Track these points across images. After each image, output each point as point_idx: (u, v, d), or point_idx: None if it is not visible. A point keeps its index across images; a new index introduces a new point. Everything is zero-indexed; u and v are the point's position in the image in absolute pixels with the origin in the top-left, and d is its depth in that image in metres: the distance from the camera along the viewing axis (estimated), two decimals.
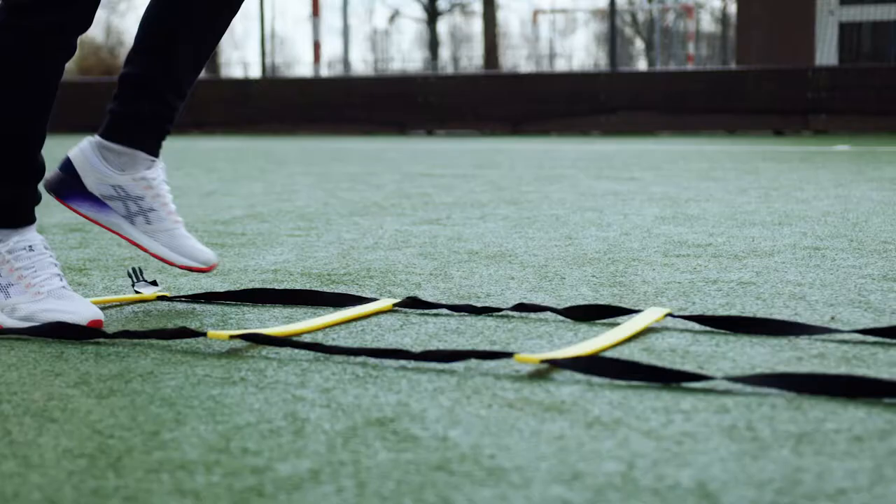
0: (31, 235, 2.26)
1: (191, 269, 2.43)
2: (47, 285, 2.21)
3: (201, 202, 5.33)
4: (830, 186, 5.75)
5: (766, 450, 1.39)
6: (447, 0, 43.60)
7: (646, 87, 16.26)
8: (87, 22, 2.17)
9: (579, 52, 51.47)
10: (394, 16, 44.53)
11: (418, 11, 42.81)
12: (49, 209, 3.48)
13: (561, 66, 42.61)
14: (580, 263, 3.05)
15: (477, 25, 43.35)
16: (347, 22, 25.40)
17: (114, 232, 2.42)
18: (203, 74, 2.42)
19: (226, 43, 48.41)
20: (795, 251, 3.24)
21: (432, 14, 41.99)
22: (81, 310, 2.16)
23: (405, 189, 6.00)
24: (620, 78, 16.65)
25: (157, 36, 2.35)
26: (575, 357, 1.79)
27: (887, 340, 2.00)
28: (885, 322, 2.18)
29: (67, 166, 2.44)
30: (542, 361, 1.79)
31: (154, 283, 2.60)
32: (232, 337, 1.98)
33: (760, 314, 2.29)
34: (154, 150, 2.41)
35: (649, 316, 2.17)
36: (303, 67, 45.19)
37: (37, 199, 2.29)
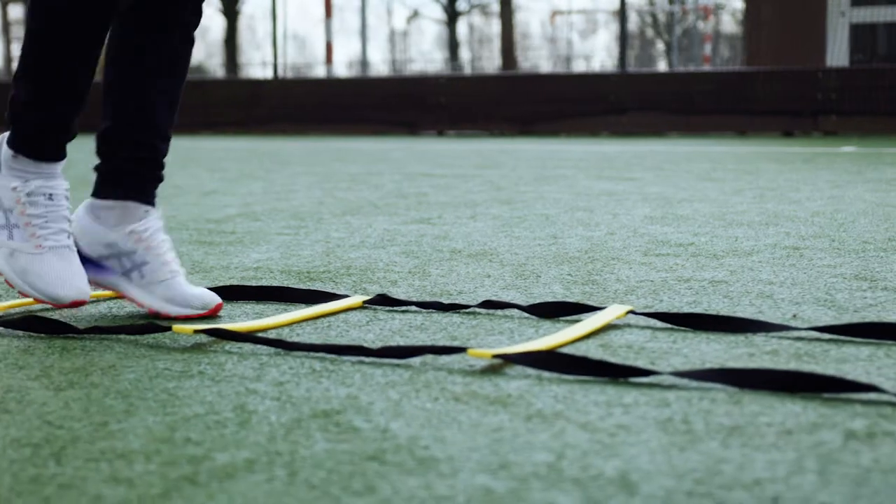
0: (55, 182, 2.26)
1: (189, 317, 2.29)
2: (51, 240, 2.23)
3: (199, 201, 5.37)
4: (827, 187, 5.77)
5: (696, 442, 1.41)
6: (467, 1, 43.63)
7: (655, 89, 16.27)
8: None
9: (600, 52, 51.35)
10: (412, 16, 44.54)
11: (438, 12, 42.82)
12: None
13: (581, 67, 42.65)
14: (559, 262, 3.08)
15: (497, 26, 43.35)
16: (366, 22, 25.38)
17: (115, 291, 2.37)
18: (217, 75, 2.39)
19: (247, 44, 48.49)
20: (775, 251, 3.26)
21: (452, 15, 42.03)
22: (68, 283, 2.21)
23: (403, 189, 6.04)
24: (630, 79, 16.65)
25: (122, 88, 2.33)
26: (526, 352, 1.82)
27: (841, 338, 2.03)
28: (846, 320, 2.20)
29: None
30: (495, 356, 1.82)
31: None
32: (196, 332, 2.02)
33: (724, 312, 2.31)
34: (147, 199, 2.36)
35: (611, 313, 2.20)
36: (323, 68, 45.26)
37: (69, 134, 2.27)
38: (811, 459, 1.34)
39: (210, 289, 2.54)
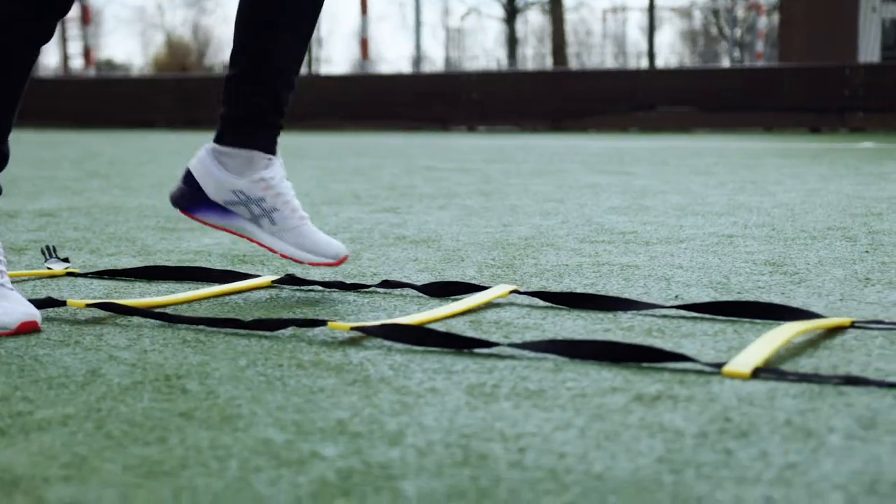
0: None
1: (320, 265, 2.40)
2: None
3: None
4: (813, 180, 5.82)
5: (490, 403, 1.52)
6: None
7: (683, 85, 16.29)
8: (66, 7, 2.12)
9: (664, 49, 51.00)
10: (466, 14, 44.63)
11: (498, 10, 42.87)
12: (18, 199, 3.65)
13: (643, 64, 42.58)
14: (491, 248, 3.18)
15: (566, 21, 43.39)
16: (420, 19, 25.43)
17: (243, 236, 2.42)
18: None
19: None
20: (709, 238, 3.34)
21: (511, 12, 42.03)
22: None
23: (396, 181, 6.15)
24: (658, 75, 16.69)
25: (254, 32, 2.32)
26: (381, 325, 1.92)
27: (704, 315, 2.12)
28: (724, 300, 2.29)
29: (188, 178, 2.42)
30: (353, 329, 1.93)
31: (66, 260, 2.78)
32: (88, 305, 2.14)
33: (615, 293, 2.40)
34: (270, 147, 2.38)
35: (494, 292, 2.30)
36: (385, 65, 45.66)
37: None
38: (582, 418, 1.44)
39: (135, 268, 2.66)
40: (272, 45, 2.32)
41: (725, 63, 35.39)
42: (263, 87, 2.34)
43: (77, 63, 32.22)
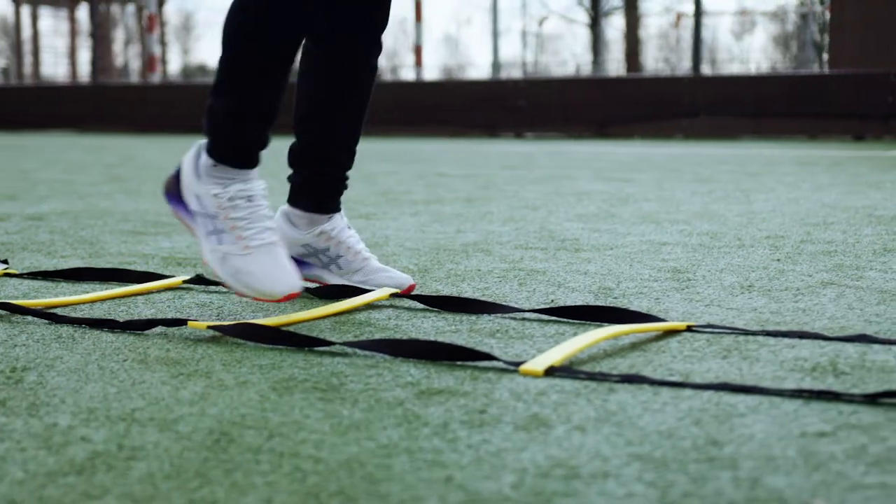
0: (253, 184, 2.39)
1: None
2: (257, 240, 2.33)
3: None
4: (805, 189, 5.88)
5: (283, 394, 1.66)
6: (611, 3, 43.44)
7: (728, 92, 16.26)
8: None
9: (756, 54, 50.59)
10: (544, 19, 44.75)
11: (582, 15, 42.95)
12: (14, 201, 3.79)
13: (736, 69, 42.44)
14: (422, 253, 3.32)
15: (651, 27, 43.41)
16: (497, 25, 25.44)
17: (321, 282, 2.64)
18: None
19: (401, 47, 49.53)
20: (641, 245, 3.45)
21: (595, 17, 42.02)
22: (280, 279, 2.30)
23: (394, 187, 6.29)
24: (703, 82, 16.68)
25: (314, 106, 2.58)
26: (235, 324, 2.07)
27: (552, 318, 2.24)
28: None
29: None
30: (209, 328, 2.08)
31: (4, 262, 2.96)
32: None
33: (503, 297, 2.53)
34: (331, 208, 2.66)
35: (374, 295, 2.44)
36: (475, 70, 45.98)
37: (264, 143, 2.40)
38: (347, 407, 1.57)
39: (65, 270, 2.83)
40: (331, 122, 2.59)
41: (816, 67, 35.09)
42: (326, 157, 2.62)
43: (156, 69, 32.69)
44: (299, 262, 2.63)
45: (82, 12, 42.63)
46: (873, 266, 2.96)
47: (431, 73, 52.87)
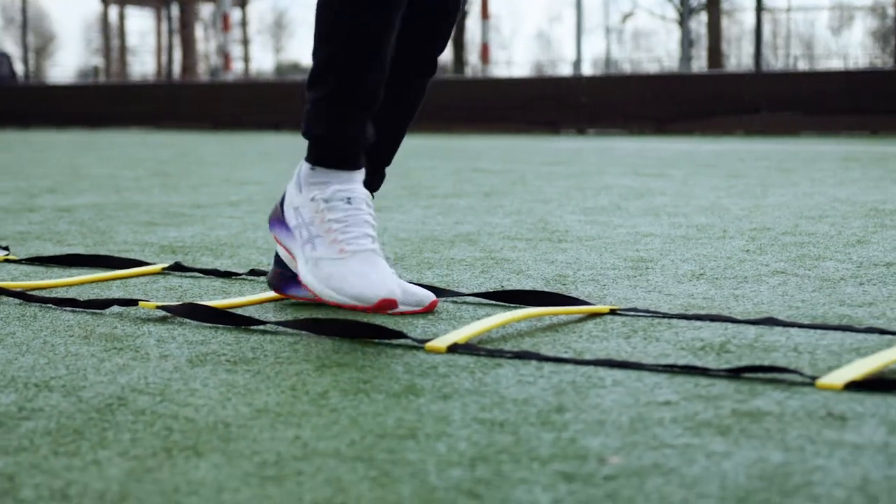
0: (353, 186, 2.28)
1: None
2: (354, 245, 2.22)
3: (218, 189, 5.85)
4: (828, 185, 5.91)
5: (197, 366, 1.81)
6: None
7: (789, 88, 16.20)
8: None
9: (855, 48, 49.92)
10: (627, 16, 44.64)
11: (672, 12, 42.77)
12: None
13: (835, 64, 42.08)
14: (416, 242, 3.45)
15: (746, 22, 43.15)
16: (581, 22, 25.24)
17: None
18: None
19: (494, 43, 50.06)
20: (629, 237, 3.55)
21: (683, 13, 41.85)
22: (376, 284, 2.19)
23: (422, 181, 6.42)
24: (764, 79, 16.63)
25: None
26: (182, 305, 2.22)
27: (492, 302, 2.37)
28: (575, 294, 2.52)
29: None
30: (158, 307, 2.23)
31: (6, 249, 3.15)
32: None
33: (456, 283, 2.65)
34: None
35: None
36: (566, 67, 46.18)
37: (366, 138, 2.29)
38: (245, 378, 1.71)
39: (59, 256, 3.00)
40: (380, 139, 2.41)
41: None
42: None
43: (230, 67, 33.17)
44: None
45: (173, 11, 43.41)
46: (835, 256, 3.04)
47: (523, 69, 53.15)
